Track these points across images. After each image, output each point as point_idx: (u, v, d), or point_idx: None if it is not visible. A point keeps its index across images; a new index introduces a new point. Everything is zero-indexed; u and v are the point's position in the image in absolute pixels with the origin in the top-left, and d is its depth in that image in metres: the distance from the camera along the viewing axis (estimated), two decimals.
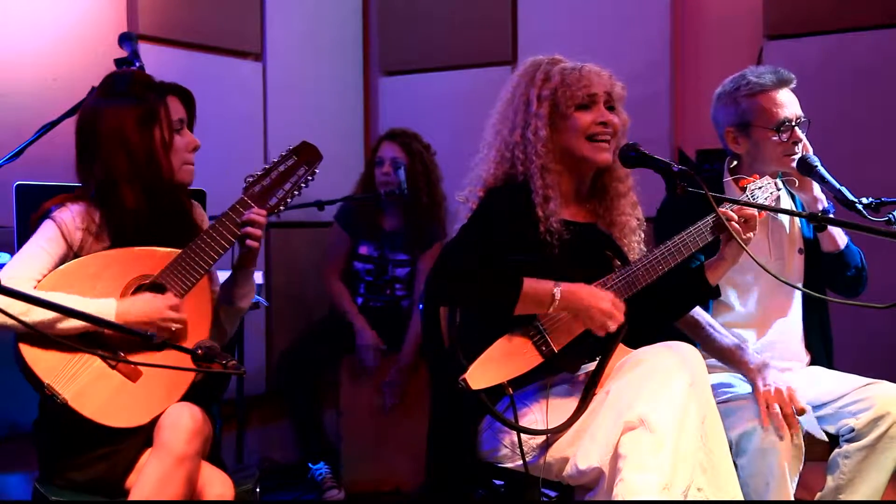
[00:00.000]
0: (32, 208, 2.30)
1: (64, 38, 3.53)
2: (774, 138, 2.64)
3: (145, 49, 3.18)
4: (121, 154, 2.23)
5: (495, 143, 2.44)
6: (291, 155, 2.36)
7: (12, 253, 2.92)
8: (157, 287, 2.23)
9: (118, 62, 2.89)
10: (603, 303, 2.25)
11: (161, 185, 2.27)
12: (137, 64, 2.88)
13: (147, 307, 2.18)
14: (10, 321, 1.90)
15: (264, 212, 2.31)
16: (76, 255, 2.23)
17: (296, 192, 2.36)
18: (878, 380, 2.61)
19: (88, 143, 2.27)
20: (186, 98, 2.35)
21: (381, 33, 4.70)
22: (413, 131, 4.03)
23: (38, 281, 2.17)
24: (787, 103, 2.66)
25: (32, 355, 2.12)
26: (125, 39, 2.99)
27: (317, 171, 2.37)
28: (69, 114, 2.79)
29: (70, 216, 2.23)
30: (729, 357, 2.59)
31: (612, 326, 2.25)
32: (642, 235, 2.47)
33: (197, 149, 2.34)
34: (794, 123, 2.65)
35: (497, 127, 2.45)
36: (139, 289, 2.22)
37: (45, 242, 2.21)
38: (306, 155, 2.36)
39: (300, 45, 4.43)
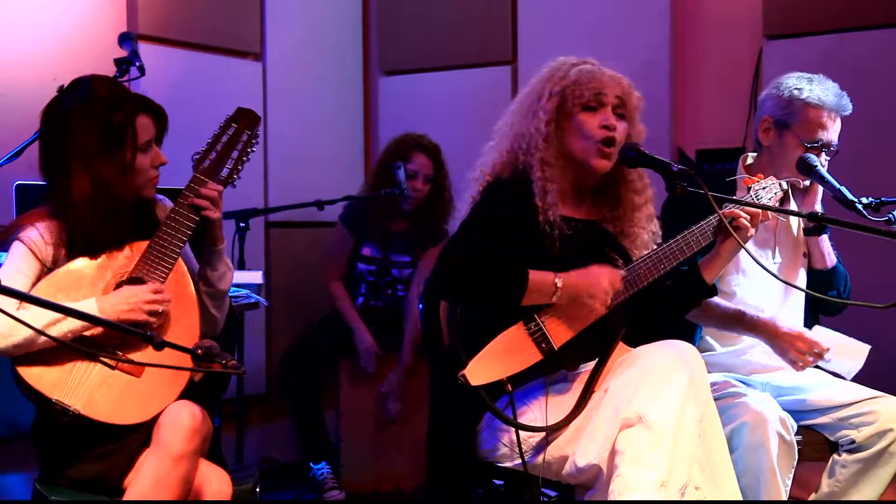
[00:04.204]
0: (32, 208, 2.30)
1: (64, 38, 3.53)
2: (801, 151, 2.65)
3: (145, 49, 3.18)
4: (84, 177, 2.21)
5: (508, 133, 2.45)
6: (230, 123, 2.37)
7: None
8: (134, 281, 2.23)
9: (118, 62, 2.89)
10: (602, 280, 2.28)
11: (122, 204, 2.27)
12: (137, 63, 2.88)
13: (129, 296, 2.18)
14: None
15: (218, 186, 2.33)
16: (50, 270, 2.22)
17: (245, 159, 2.36)
18: (883, 393, 2.61)
19: (55, 154, 2.25)
20: (158, 115, 2.32)
21: (381, 33, 4.70)
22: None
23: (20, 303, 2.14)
24: (831, 129, 2.67)
25: (32, 375, 2.11)
26: (125, 39, 2.99)
27: (259, 133, 2.38)
28: None
29: (37, 234, 2.21)
30: (735, 320, 2.62)
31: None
32: (653, 248, 2.44)
33: (163, 164, 2.33)
34: (823, 147, 2.66)
35: (511, 117, 2.46)
36: (118, 286, 2.22)
37: (19, 264, 2.19)
38: (245, 120, 2.37)
39: (300, 45, 4.43)
